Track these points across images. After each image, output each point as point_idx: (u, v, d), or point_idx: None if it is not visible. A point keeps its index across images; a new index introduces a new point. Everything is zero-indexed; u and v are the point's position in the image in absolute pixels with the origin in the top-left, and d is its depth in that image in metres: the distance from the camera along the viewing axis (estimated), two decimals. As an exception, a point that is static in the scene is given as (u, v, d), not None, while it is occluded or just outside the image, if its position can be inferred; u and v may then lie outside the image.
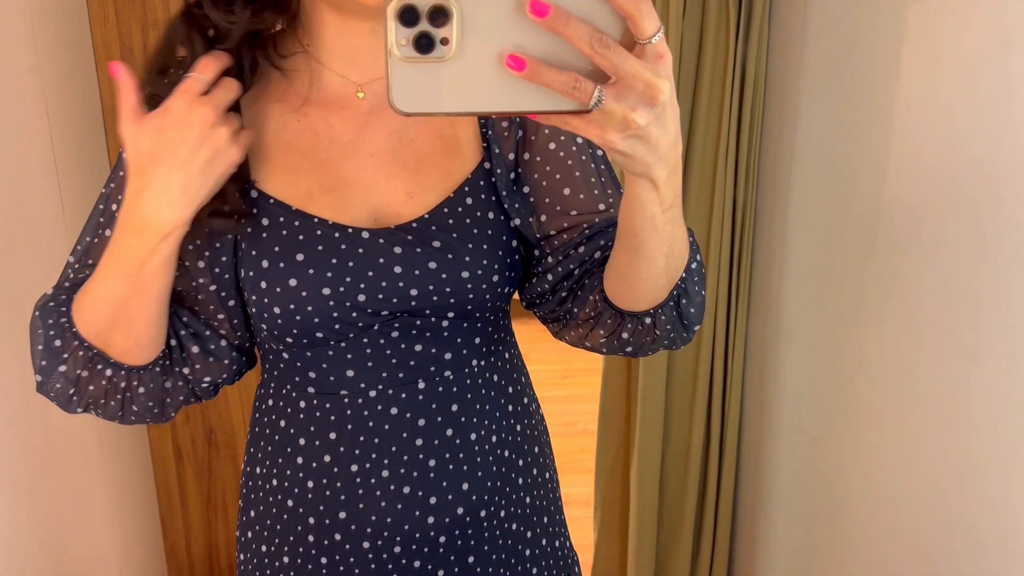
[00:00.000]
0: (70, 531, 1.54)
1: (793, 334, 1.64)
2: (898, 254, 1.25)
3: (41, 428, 1.45)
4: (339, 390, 0.91)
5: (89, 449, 1.64)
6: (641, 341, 0.91)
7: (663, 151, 0.65)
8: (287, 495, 0.94)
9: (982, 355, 1.06)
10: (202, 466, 1.90)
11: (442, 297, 0.88)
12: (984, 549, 1.07)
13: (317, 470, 0.92)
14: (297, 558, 0.94)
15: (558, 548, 1.05)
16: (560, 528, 1.06)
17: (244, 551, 1.00)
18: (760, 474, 1.81)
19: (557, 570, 1.05)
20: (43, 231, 1.51)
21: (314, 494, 0.93)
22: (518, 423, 1.00)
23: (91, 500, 1.64)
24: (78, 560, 1.57)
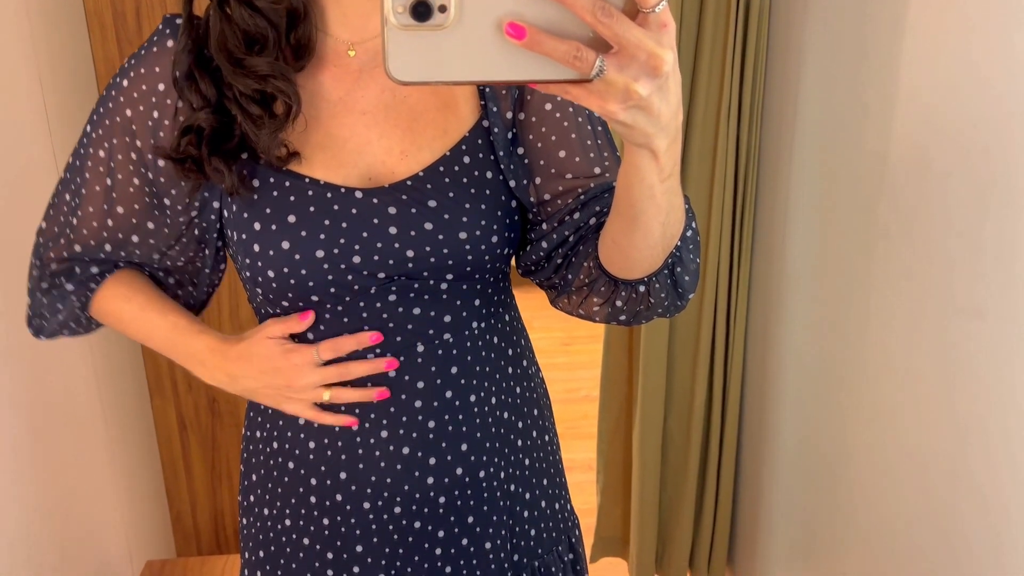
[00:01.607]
0: (75, 501, 1.55)
1: (796, 295, 1.63)
2: (902, 211, 1.24)
3: (43, 401, 1.46)
4: None
5: (92, 419, 1.64)
6: (635, 309, 0.90)
7: (664, 121, 0.64)
8: (288, 457, 0.94)
9: (986, 312, 1.06)
10: (206, 435, 1.91)
11: (440, 259, 0.87)
12: (988, 507, 1.07)
13: (317, 432, 0.92)
14: (299, 520, 0.95)
15: (558, 511, 1.05)
16: (560, 491, 1.06)
17: (247, 515, 1.00)
18: (763, 434, 1.81)
19: (557, 532, 1.05)
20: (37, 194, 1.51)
21: (315, 455, 0.93)
22: (517, 385, 1.00)
23: (95, 470, 1.65)
24: (84, 529, 1.58)
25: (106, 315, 0.98)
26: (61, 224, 0.94)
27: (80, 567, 1.54)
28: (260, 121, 0.83)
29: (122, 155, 0.88)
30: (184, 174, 0.84)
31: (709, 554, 2.03)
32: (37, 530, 1.40)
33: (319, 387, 0.90)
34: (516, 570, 1.00)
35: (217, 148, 0.84)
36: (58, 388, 1.52)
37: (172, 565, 1.70)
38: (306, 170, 0.87)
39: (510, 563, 0.99)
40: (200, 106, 0.83)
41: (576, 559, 1.08)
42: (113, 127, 0.88)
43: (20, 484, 1.35)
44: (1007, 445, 1.03)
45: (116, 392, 1.75)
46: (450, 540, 0.95)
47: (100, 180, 0.90)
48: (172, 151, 0.84)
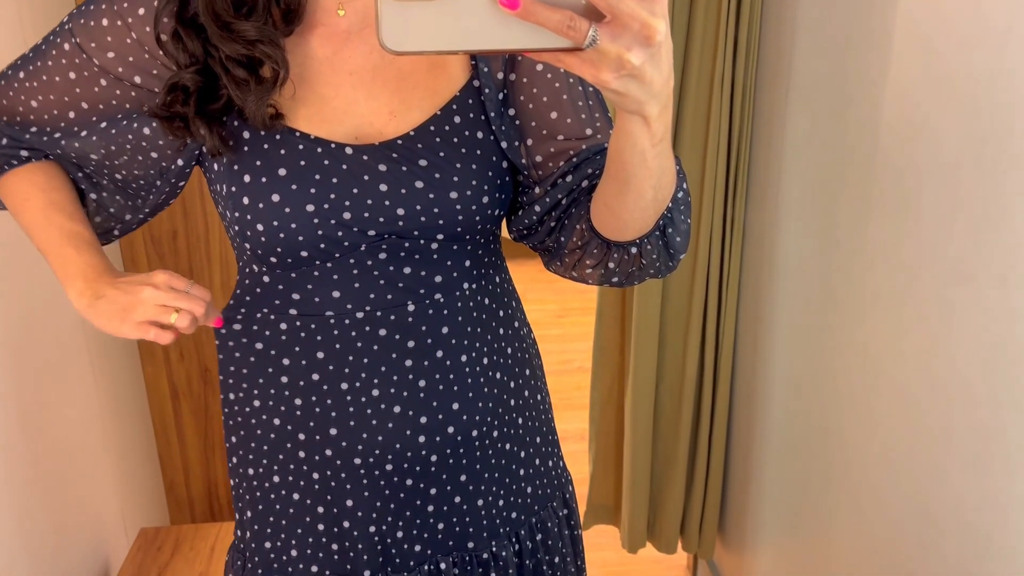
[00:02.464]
0: (68, 470, 1.55)
1: (789, 263, 1.63)
2: (896, 176, 1.24)
3: (35, 370, 1.45)
4: (324, 311, 0.90)
5: (84, 388, 1.64)
6: (627, 271, 0.91)
7: (656, 89, 0.64)
8: (273, 414, 0.94)
9: (978, 275, 1.06)
10: (198, 403, 1.91)
11: (430, 218, 0.87)
12: (978, 470, 1.08)
13: (305, 388, 0.92)
14: (288, 475, 0.95)
15: (551, 468, 1.07)
16: (553, 448, 1.07)
17: (234, 475, 1.01)
18: (754, 403, 1.82)
19: (551, 489, 1.06)
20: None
21: (303, 411, 0.93)
22: (509, 346, 1.00)
23: (88, 439, 1.65)
24: (78, 497, 1.58)
25: (10, 194, 0.94)
26: (10, 97, 0.91)
27: (75, 535, 1.55)
28: (246, 86, 0.82)
29: (100, 62, 0.86)
30: (172, 131, 0.84)
31: (700, 522, 2.04)
32: (31, 500, 1.40)
33: (165, 309, 0.88)
34: (513, 527, 1.01)
35: (203, 108, 0.83)
36: (50, 357, 1.51)
37: (166, 532, 1.70)
38: (292, 123, 0.86)
39: (504, 520, 1.00)
40: (186, 64, 0.83)
41: (570, 514, 1.09)
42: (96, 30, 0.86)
43: (13, 454, 1.35)
44: (997, 408, 1.04)
45: (107, 360, 1.75)
46: (442, 498, 0.96)
47: (63, 72, 0.88)
48: (159, 109, 0.83)
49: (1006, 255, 1.01)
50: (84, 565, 1.57)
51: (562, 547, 1.06)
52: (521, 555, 1.02)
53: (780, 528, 1.74)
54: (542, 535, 1.04)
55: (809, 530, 1.59)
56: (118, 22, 0.85)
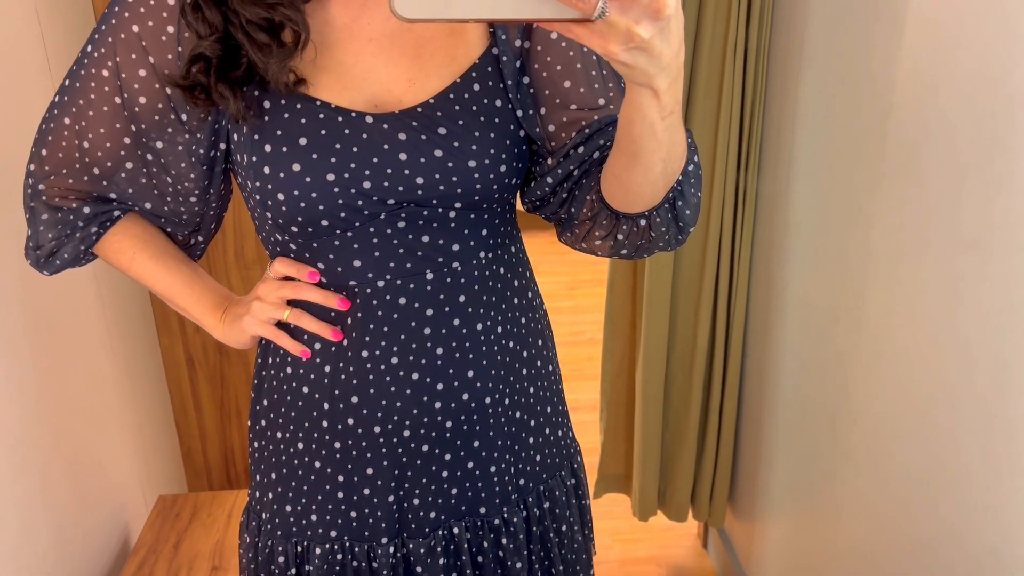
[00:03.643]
0: (87, 438, 1.58)
1: (801, 233, 1.63)
2: (908, 145, 1.23)
3: (51, 339, 1.47)
4: (347, 281, 0.92)
5: (101, 358, 1.66)
6: (636, 243, 0.91)
7: (666, 62, 0.65)
8: (302, 382, 0.96)
9: (991, 244, 1.06)
10: (214, 373, 1.93)
11: (449, 187, 0.88)
12: (988, 438, 1.08)
13: (329, 357, 0.94)
14: (312, 443, 0.97)
15: (561, 437, 1.08)
16: (563, 419, 1.09)
17: (259, 439, 1.03)
18: (765, 373, 1.83)
19: (560, 458, 1.08)
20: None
21: (329, 380, 0.95)
22: (523, 316, 1.01)
23: (106, 408, 1.67)
24: (97, 465, 1.61)
25: (115, 253, 0.98)
26: (67, 151, 0.92)
27: (95, 502, 1.58)
28: (268, 49, 0.83)
29: (128, 72, 0.87)
30: (193, 100, 0.85)
31: (711, 491, 2.06)
32: (53, 469, 1.43)
33: (281, 306, 0.95)
34: (522, 494, 1.03)
35: (225, 76, 0.84)
36: (67, 329, 1.53)
37: (184, 499, 1.73)
38: (312, 93, 0.87)
39: (514, 487, 1.02)
40: (206, 34, 0.83)
41: (578, 484, 1.11)
42: (117, 43, 0.86)
43: (34, 424, 1.38)
44: (1006, 377, 1.04)
45: (124, 331, 1.77)
46: (456, 463, 0.98)
47: (108, 99, 0.88)
48: (180, 79, 0.84)
49: (1016, 223, 1.01)
50: (105, 531, 1.61)
51: (569, 515, 1.08)
52: (529, 521, 1.04)
53: (790, 497, 1.75)
54: (550, 503, 1.06)
55: (818, 499, 1.60)
56: (150, 23, 0.85)
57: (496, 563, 1.02)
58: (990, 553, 1.08)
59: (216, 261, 1.84)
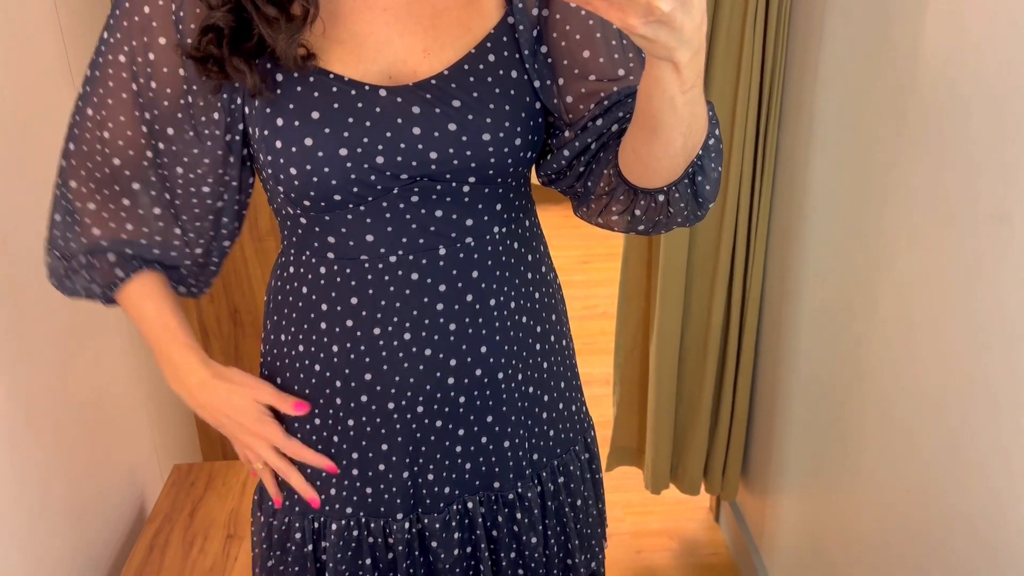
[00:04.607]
0: (103, 411, 1.59)
1: (820, 207, 1.62)
2: (931, 116, 1.21)
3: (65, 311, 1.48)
4: (359, 255, 0.91)
5: (115, 330, 1.67)
6: (654, 219, 0.89)
7: (687, 35, 0.63)
8: (314, 360, 0.96)
9: (1012, 217, 1.04)
10: (228, 344, 1.94)
11: (462, 161, 0.87)
12: (1002, 415, 1.07)
13: (341, 334, 0.93)
14: (327, 420, 0.97)
15: (574, 412, 1.08)
16: (576, 394, 1.08)
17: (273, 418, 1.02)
18: (780, 350, 1.82)
19: (573, 433, 1.07)
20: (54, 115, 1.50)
21: (339, 358, 0.94)
22: (536, 291, 1.00)
23: (120, 377, 1.68)
24: (112, 435, 1.62)
25: (125, 299, 0.99)
26: (90, 142, 0.91)
27: (111, 472, 1.59)
28: (276, 24, 0.81)
29: (143, 56, 0.86)
30: (206, 72, 0.83)
31: (723, 465, 2.06)
32: (70, 439, 1.44)
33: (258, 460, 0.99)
34: (536, 469, 1.03)
35: (237, 47, 0.82)
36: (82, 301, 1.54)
37: (198, 469, 1.75)
38: (326, 64, 0.85)
39: (528, 461, 1.02)
40: (217, 4, 0.82)
41: (591, 458, 1.11)
42: (132, 28, 0.85)
43: (51, 396, 1.39)
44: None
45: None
46: (470, 439, 0.98)
47: (125, 86, 0.87)
48: (192, 50, 0.83)
49: (1044, 197, 0.99)
50: (121, 500, 1.62)
51: (584, 490, 1.08)
52: (544, 496, 1.03)
53: (803, 472, 1.75)
54: (564, 477, 1.05)
55: (831, 475, 1.60)
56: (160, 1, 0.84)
57: (511, 537, 1.02)
58: (1001, 532, 1.08)
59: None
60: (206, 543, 1.55)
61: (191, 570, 1.49)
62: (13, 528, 1.25)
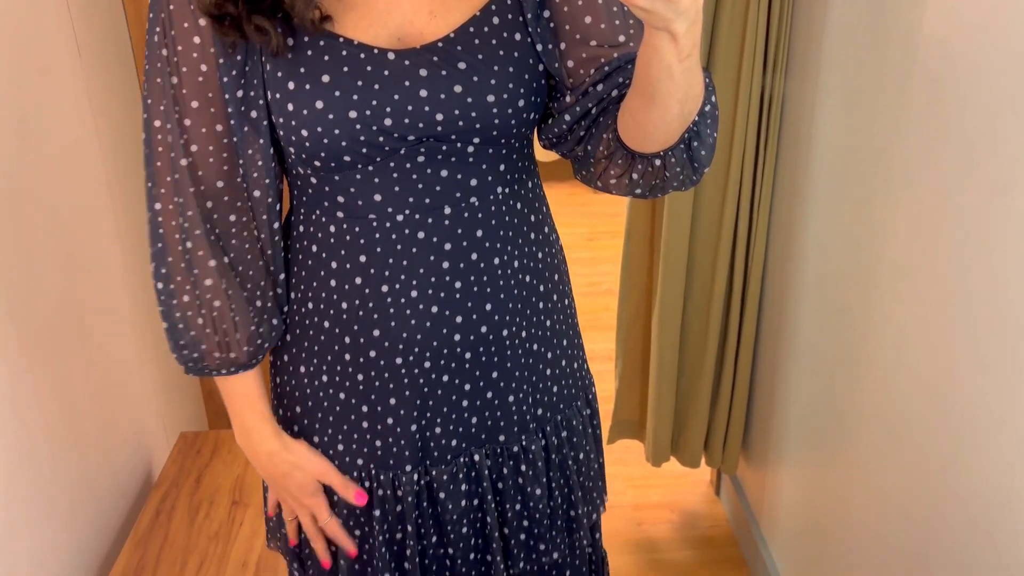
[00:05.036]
0: (111, 380, 1.61)
1: (821, 180, 1.62)
2: (933, 89, 1.21)
3: (73, 281, 1.50)
4: (367, 214, 0.93)
5: (121, 300, 1.69)
6: (651, 183, 0.92)
7: (683, 6, 0.65)
8: (323, 317, 0.98)
9: (1009, 187, 1.05)
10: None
11: (467, 122, 0.89)
12: (1007, 385, 1.08)
13: (350, 292, 0.96)
14: (335, 376, 1.00)
15: (576, 369, 1.11)
16: (578, 351, 1.11)
17: (281, 374, 1.05)
18: (782, 321, 1.83)
19: (576, 389, 1.10)
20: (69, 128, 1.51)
21: (348, 315, 0.97)
22: (539, 251, 1.02)
23: (127, 347, 1.70)
24: (119, 404, 1.64)
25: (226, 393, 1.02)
26: (163, 156, 0.91)
27: (119, 439, 1.61)
28: None
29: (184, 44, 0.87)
30: (223, 32, 0.85)
31: (724, 438, 2.08)
32: (76, 405, 1.46)
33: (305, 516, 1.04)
34: (540, 423, 1.06)
35: (256, 6, 0.84)
36: (88, 270, 1.56)
37: (205, 436, 1.77)
38: (338, 28, 0.87)
39: (532, 416, 1.04)
40: None
41: (592, 414, 1.14)
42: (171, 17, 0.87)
43: (59, 365, 1.40)
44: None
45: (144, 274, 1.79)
46: (476, 393, 1.00)
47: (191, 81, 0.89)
48: (211, 7, 0.84)
49: (1043, 167, 1.00)
50: (128, 466, 1.65)
51: (586, 443, 1.11)
52: (548, 449, 1.06)
53: (803, 446, 1.76)
54: (567, 432, 1.08)
55: (831, 448, 1.61)
56: None
57: (516, 489, 1.05)
58: (992, 509, 1.09)
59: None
60: (212, 509, 1.57)
61: (197, 535, 1.52)
62: (20, 493, 1.27)
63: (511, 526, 1.06)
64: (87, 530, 1.46)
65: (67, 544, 1.39)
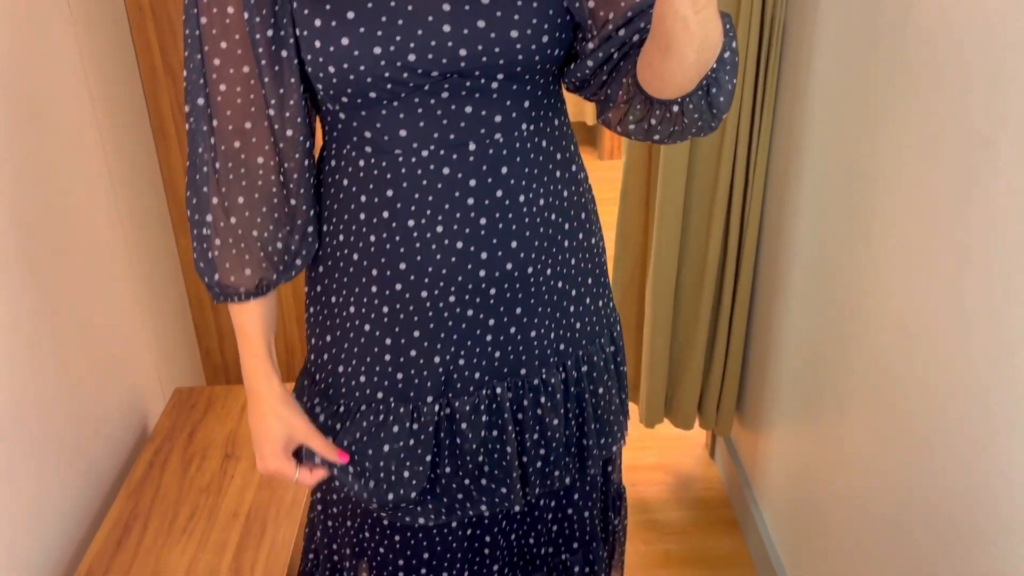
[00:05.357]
0: (107, 337, 1.62)
1: (818, 136, 1.61)
2: (925, 43, 1.20)
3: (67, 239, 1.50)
4: (394, 149, 0.94)
5: (118, 259, 1.70)
6: (669, 129, 0.93)
7: None
8: (353, 249, 1.01)
9: (998, 140, 1.04)
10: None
11: (491, 57, 0.90)
12: (993, 342, 1.08)
13: (377, 225, 0.98)
14: (362, 308, 1.02)
15: (601, 308, 1.13)
16: (603, 290, 1.13)
17: (314, 304, 1.08)
18: (775, 283, 1.83)
19: (599, 327, 1.13)
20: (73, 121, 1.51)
21: (376, 248, 0.99)
22: (565, 189, 1.04)
23: (122, 302, 1.71)
24: (114, 357, 1.65)
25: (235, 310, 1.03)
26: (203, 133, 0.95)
27: (113, 393, 1.63)
28: None
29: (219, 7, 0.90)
30: None
31: (718, 400, 2.08)
32: (72, 360, 1.47)
33: None
34: (562, 357, 1.08)
35: None
36: (84, 229, 1.56)
37: (199, 392, 1.78)
38: None
39: (553, 351, 1.07)
40: None
41: (617, 351, 1.17)
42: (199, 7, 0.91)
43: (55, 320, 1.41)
44: (1015, 274, 1.03)
45: (141, 232, 1.80)
46: (499, 328, 1.03)
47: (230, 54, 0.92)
48: None
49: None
50: (123, 421, 1.66)
51: (607, 379, 1.14)
52: (567, 383, 1.09)
53: (795, 408, 1.77)
54: (588, 367, 1.11)
55: (822, 410, 1.61)
56: None
57: (535, 420, 1.08)
58: (976, 471, 1.09)
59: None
60: (204, 462, 1.59)
61: (188, 486, 1.53)
62: (14, 443, 1.28)
63: (529, 455, 1.09)
64: (82, 481, 1.48)
65: (62, 494, 1.41)
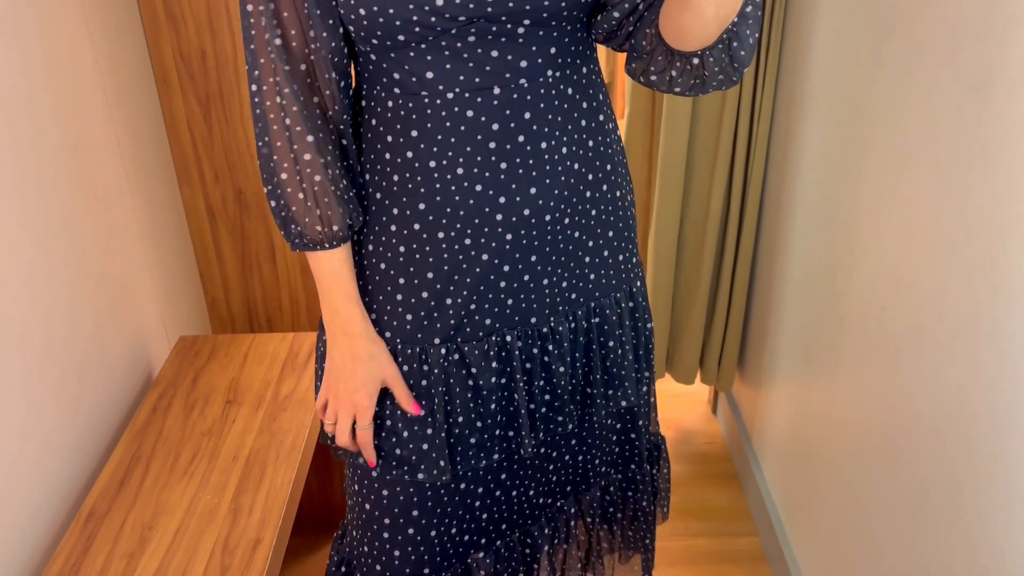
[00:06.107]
0: (112, 287, 1.64)
1: (822, 95, 1.59)
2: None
3: (72, 188, 1.52)
4: (420, 91, 0.96)
5: (122, 207, 1.71)
6: (690, 82, 0.94)
7: None
8: (376, 188, 1.02)
9: (992, 84, 1.02)
10: (234, 224, 1.98)
11: (517, 3, 0.90)
12: (982, 295, 1.07)
13: (401, 165, 0.99)
14: (380, 246, 1.04)
15: (621, 262, 1.13)
16: (626, 244, 1.13)
17: None
18: (777, 240, 1.82)
19: (617, 280, 1.13)
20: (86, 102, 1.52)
21: (398, 187, 1.00)
22: (591, 139, 1.04)
23: (127, 251, 1.73)
24: (123, 310, 1.68)
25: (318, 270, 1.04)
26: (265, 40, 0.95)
27: (117, 340, 1.66)
28: None
29: None
30: None
31: (719, 356, 2.09)
32: (75, 306, 1.49)
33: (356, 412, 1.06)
34: (573, 307, 1.09)
35: None
36: (88, 177, 1.58)
37: (203, 340, 1.81)
38: None
39: (563, 300, 1.08)
40: None
41: (635, 308, 1.16)
42: None
43: (57, 262, 1.44)
44: (1001, 224, 1.02)
45: (145, 181, 1.82)
46: (513, 275, 1.04)
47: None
48: None
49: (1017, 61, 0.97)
50: (128, 367, 1.69)
51: (621, 335, 1.13)
52: (576, 332, 1.10)
53: (795, 364, 1.77)
54: (599, 319, 1.12)
55: (820, 366, 1.61)
56: None
57: (542, 367, 1.09)
58: (958, 430, 1.09)
59: (227, 83, 1.86)
60: (206, 407, 1.62)
61: (191, 431, 1.56)
62: (16, 386, 1.32)
63: (535, 401, 1.10)
64: (86, 424, 1.52)
65: (68, 436, 1.45)
